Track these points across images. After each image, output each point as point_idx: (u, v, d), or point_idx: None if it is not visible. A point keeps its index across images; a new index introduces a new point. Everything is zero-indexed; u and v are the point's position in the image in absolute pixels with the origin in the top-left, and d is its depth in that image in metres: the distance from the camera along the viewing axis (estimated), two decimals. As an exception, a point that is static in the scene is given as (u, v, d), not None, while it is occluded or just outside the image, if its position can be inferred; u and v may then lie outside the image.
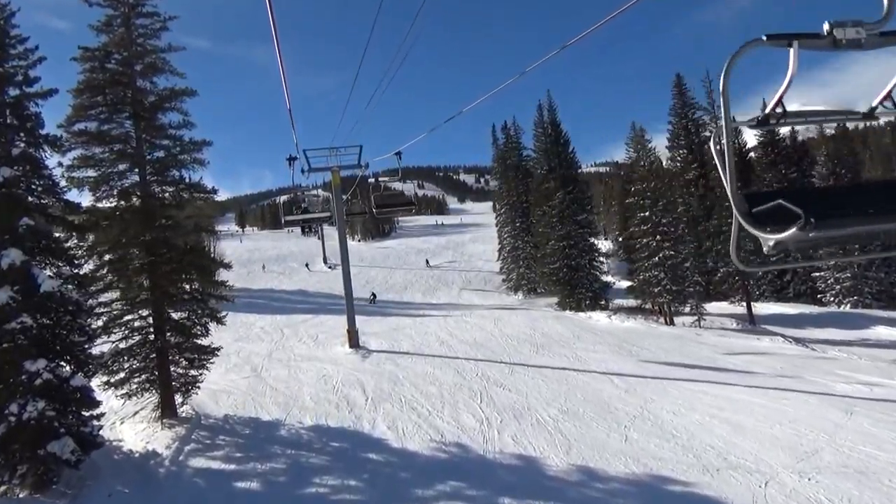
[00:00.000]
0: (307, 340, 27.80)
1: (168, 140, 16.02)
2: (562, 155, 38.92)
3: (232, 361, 23.23)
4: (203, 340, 16.25)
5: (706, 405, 15.04)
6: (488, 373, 19.52)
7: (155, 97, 15.97)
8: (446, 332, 28.44)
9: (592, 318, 32.64)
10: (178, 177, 15.95)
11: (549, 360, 21.88)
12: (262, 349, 25.93)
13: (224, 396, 17.66)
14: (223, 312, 16.32)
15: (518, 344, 25.19)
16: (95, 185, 15.21)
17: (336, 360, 22.48)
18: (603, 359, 21.96)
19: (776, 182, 39.74)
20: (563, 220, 36.61)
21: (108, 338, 14.89)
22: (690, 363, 21.20)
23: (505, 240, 49.15)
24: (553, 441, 12.79)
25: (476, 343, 25.54)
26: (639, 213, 30.43)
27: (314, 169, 25.35)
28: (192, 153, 16.02)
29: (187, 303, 15.73)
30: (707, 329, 28.71)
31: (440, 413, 15.07)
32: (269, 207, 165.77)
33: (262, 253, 71.61)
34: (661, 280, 29.01)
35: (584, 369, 20.14)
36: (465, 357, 22.57)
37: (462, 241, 79.56)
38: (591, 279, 36.39)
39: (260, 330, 31.78)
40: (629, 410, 14.85)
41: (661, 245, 29.19)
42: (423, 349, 24.54)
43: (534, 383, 17.99)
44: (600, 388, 17.22)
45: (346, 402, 16.40)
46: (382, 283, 52.87)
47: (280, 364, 22.34)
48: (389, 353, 23.74)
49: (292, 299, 46.02)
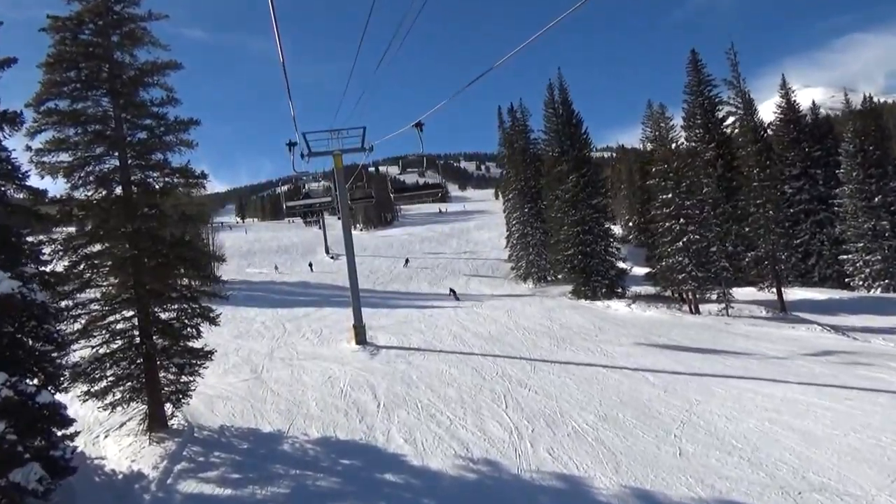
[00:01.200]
0: (310, 336, 26.16)
1: (150, 119, 14.22)
2: (574, 136, 36.96)
3: (230, 361, 21.63)
4: (196, 342, 14.55)
5: (761, 407, 13.38)
6: (509, 371, 17.87)
7: (135, 71, 14.16)
8: (458, 326, 26.79)
9: (611, 308, 30.98)
10: (163, 160, 14.18)
11: (572, 356, 20.24)
12: (262, 347, 24.29)
13: (220, 403, 16.03)
14: (217, 311, 14.60)
15: (536, 337, 23.54)
16: (70, 170, 13.45)
17: (342, 359, 20.84)
18: (630, 353, 20.31)
19: (799, 161, 37.93)
20: (576, 205, 34.79)
21: (87, 342, 13.23)
22: (727, 357, 19.54)
23: (513, 226, 47.35)
24: (596, 455, 11.12)
25: (491, 337, 23.90)
26: (660, 195, 28.61)
27: (315, 153, 23.57)
28: (178, 133, 14.21)
29: (176, 301, 14.02)
30: (736, 317, 27.01)
31: (462, 421, 13.41)
32: (270, 198, 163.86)
33: (262, 244, 69.84)
34: (686, 266, 27.26)
35: (612, 365, 18.47)
36: (482, 353, 20.93)
37: (467, 229, 77.57)
38: (606, 266, 34.65)
39: (260, 325, 30.08)
40: (674, 415, 13.19)
41: (685, 229, 27.41)
42: (436, 344, 22.90)
43: (561, 383, 16.33)
44: (636, 388, 15.56)
45: (356, 409, 14.75)
46: (386, 272, 51.13)
47: (282, 364, 20.70)
48: (399, 350, 22.11)
49: (294, 291, 44.32)
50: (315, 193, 33.33)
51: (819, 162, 37.10)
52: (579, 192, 34.72)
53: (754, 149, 30.81)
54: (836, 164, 35.30)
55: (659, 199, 28.59)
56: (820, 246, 36.14)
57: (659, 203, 28.61)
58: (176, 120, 14.28)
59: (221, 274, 51.13)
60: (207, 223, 48.03)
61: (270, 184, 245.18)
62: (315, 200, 23.58)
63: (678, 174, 27.88)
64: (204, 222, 22.94)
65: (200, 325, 14.32)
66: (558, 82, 38.03)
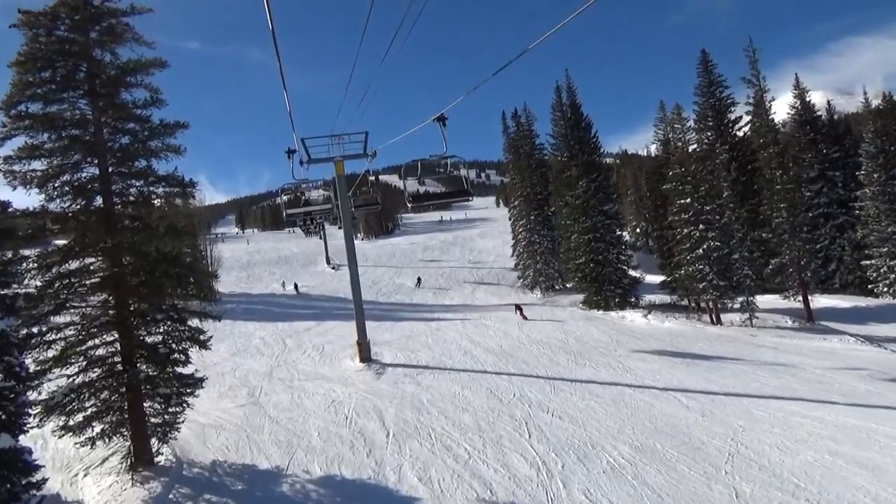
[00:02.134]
0: (312, 353, 24.75)
1: (133, 122, 12.91)
2: (584, 140, 35.67)
3: (226, 383, 20.23)
4: (186, 368, 13.16)
5: (815, 435, 11.98)
6: (527, 392, 16.47)
7: (115, 70, 12.87)
8: (467, 340, 25.40)
9: (626, 319, 29.59)
10: (148, 168, 12.85)
11: (593, 373, 18.84)
12: (261, 366, 22.89)
13: (214, 433, 14.62)
14: (208, 333, 13.22)
15: (552, 353, 22.14)
16: (44, 180, 12.13)
17: (346, 379, 19.44)
18: (655, 369, 18.91)
19: (816, 163, 36.61)
20: (587, 211, 33.47)
21: (62, 371, 11.84)
22: (760, 373, 18.13)
23: (520, 234, 45.93)
24: (640, 498, 9.71)
25: (503, 352, 22.51)
26: (678, 200, 27.25)
27: (315, 160, 22.28)
28: (164, 138, 12.91)
29: (162, 323, 12.64)
30: (760, 328, 25.59)
31: (482, 454, 12.00)
32: (270, 208, 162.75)
33: (262, 255, 68.41)
34: (707, 274, 25.86)
35: (638, 384, 17.08)
36: (495, 371, 19.54)
37: (470, 237, 76.16)
38: (619, 275, 33.27)
39: (259, 341, 28.68)
40: (719, 445, 11.78)
41: (705, 235, 26.03)
42: (445, 361, 21.51)
43: (586, 406, 14.93)
44: (670, 412, 14.15)
45: (363, 440, 13.35)
46: (389, 283, 49.73)
47: (281, 385, 19.30)
48: (406, 368, 20.72)
49: (294, 304, 42.94)
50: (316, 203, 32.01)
51: (837, 164, 35.76)
52: (590, 198, 33.40)
53: (776, 150, 29.47)
54: (855, 165, 33.91)
55: (676, 204, 27.24)
56: (841, 251, 34.74)
57: (676, 208, 27.25)
58: (161, 123, 12.97)
59: (219, 286, 50.67)
60: (197, 235, 46.37)
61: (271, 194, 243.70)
62: (316, 208, 22.27)
63: (696, 178, 26.54)
64: (193, 235, 21.41)
65: (190, 349, 12.88)
66: (566, 84, 36.87)
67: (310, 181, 21.92)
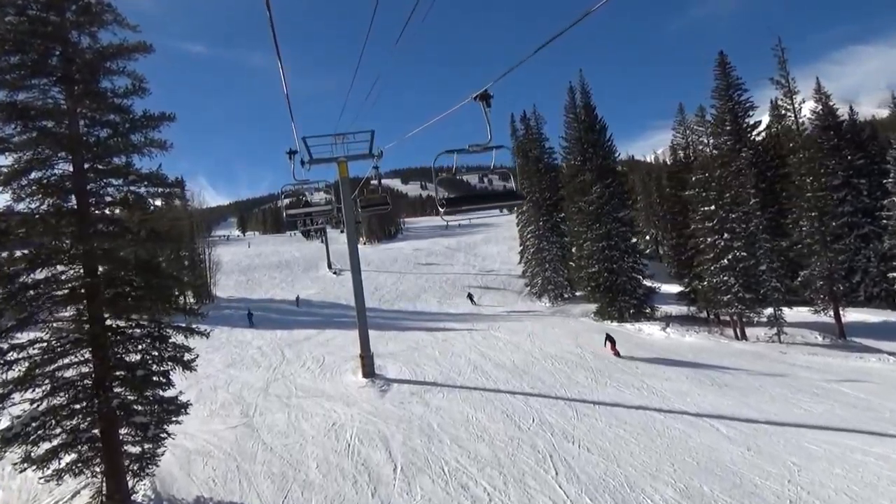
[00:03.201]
0: (311, 366, 23.24)
1: (113, 113, 11.47)
2: (598, 143, 34.22)
3: (219, 399, 18.74)
4: (170, 390, 11.66)
5: (886, 479, 10.45)
6: (547, 416, 14.97)
7: (94, 54, 11.43)
8: (477, 353, 23.90)
9: (643, 332, 28.05)
10: (128, 164, 11.38)
11: (616, 394, 17.31)
12: (257, 379, 21.38)
13: (200, 462, 13.13)
14: (193, 353, 11.71)
15: (569, 369, 20.62)
16: (10, 178, 10.67)
17: (348, 397, 17.93)
18: (684, 391, 17.40)
19: (840, 170, 35.05)
20: (601, 218, 31.98)
21: (25, 394, 10.36)
22: (800, 397, 16.61)
23: (528, 241, 44.50)
24: (698, 561, 8.19)
25: (516, 368, 20.99)
26: (701, 208, 25.74)
27: (317, 160, 20.88)
28: (147, 131, 11.46)
29: (141, 341, 11.14)
30: (790, 344, 24.03)
31: (504, 496, 10.48)
32: (271, 211, 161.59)
33: (263, 258, 66.89)
34: (732, 286, 24.31)
35: (668, 408, 15.57)
36: (509, 390, 18.03)
37: (473, 243, 74.52)
38: (634, 284, 31.76)
39: (256, 351, 27.18)
40: (777, 489, 10.26)
41: (730, 245, 24.51)
42: (454, 378, 20.01)
43: (615, 436, 13.41)
44: (710, 445, 12.63)
45: (367, 474, 11.83)
46: (392, 289, 48.25)
47: (278, 403, 17.78)
48: (413, 385, 19.21)
49: (294, 311, 41.45)
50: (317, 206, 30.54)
51: (862, 171, 34.21)
52: (604, 204, 31.91)
53: (807, 155, 27.93)
54: (881, 172, 32.35)
55: (699, 212, 25.73)
56: (866, 262, 33.14)
57: (699, 216, 25.73)
58: (145, 115, 11.50)
59: (217, 291, 49.24)
60: (189, 239, 44.65)
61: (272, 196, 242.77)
62: (317, 209, 20.89)
63: (721, 184, 25.03)
64: (179, 240, 19.86)
65: (172, 371, 11.38)
66: (580, 85, 35.34)
67: (311, 182, 20.48)
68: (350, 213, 21.51)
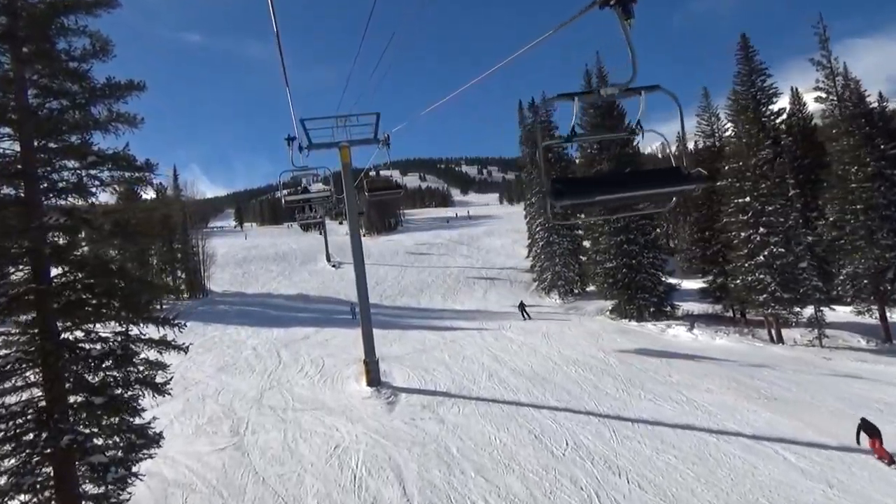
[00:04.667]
0: (310, 371, 21.28)
1: (69, 80, 9.41)
2: (616, 130, 32.01)
3: (206, 411, 16.78)
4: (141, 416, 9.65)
5: None
6: (582, 438, 13.03)
7: (45, 7, 9.34)
8: (490, 357, 21.95)
9: (668, 333, 26.10)
10: (86, 143, 9.32)
11: (653, 409, 15.35)
12: (250, 387, 19.42)
13: (179, 496, 11.14)
14: (169, 372, 9.70)
15: (595, 377, 18.67)
16: (-60, 158, 8.66)
17: (351, 410, 15.97)
18: (730, 405, 15.45)
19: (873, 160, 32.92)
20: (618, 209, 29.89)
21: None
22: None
23: (537, 234, 42.46)
24: None
25: (536, 375, 19.04)
26: (734, 199, 23.72)
27: (316, 145, 18.80)
28: (111, 102, 9.43)
29: (103, 359, 9.13)
30: (833, 349, 22.12)
31: (549, 553, 8.52)
32: (269, 202, 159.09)
33: (259, 251, 64.68)
34: (768, 285, 22.34)
35: (718, 428, 13.64)
36: (532, 402, 16.09)
37: (476, 235, 72.34)
38: (654, 281, 29.77)
39: (251, 353, 25.19)
40: (885, 545, 8.31)
41: (767, 240, 22.52)
42: (468, 387, 18.06)
43: (665, 465, 11.46)
44: (782, 479, 10.70)
45: (378, 517, 9.86)
46: (394, 283, 46.17)
47: (272, 418, 15.81)
48: (424, 396, 17.25)
49: (292, 306, 39.39)
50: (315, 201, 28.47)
51: (895, 161, 32.10)
52: (623, 196, 29.82)
53: (852, 142, 25.85)
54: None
55: (732, 204, 23.70)
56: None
57: (732, 208, 23.70)
58: (108, 83, 9.46)
59: (211, 285, 47.17)
60: (158, 236, 41.86)
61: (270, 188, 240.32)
62: (316, 195, 19.02)
63: (756, 173, 22.99)
64: (150, 235, 17.62)
65: (141, 396, 9.37)
66: (597, 69, 33.14)
67: (310, 169, 18.44)
68: (353, 202, 19.50)
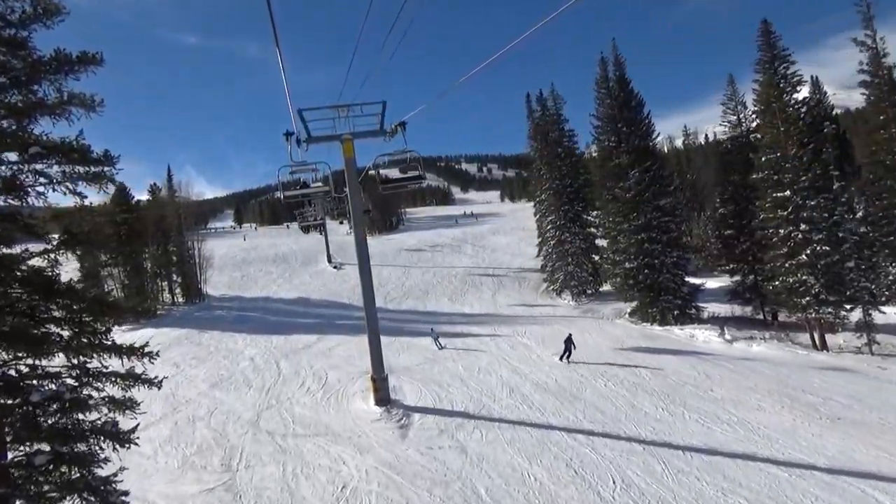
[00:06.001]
0: (312, 386, 19.44)
1: (4, 51, 7.52)
2: (634, 121, 30.11)
3: (196, 438, 14.95)
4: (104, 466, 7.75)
5: None
6: (629, 473, 11.17)
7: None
8: (509, 369, 20.10)
9: (698, 338, 24.19)
10: (25, 129, 7.44)
11: (704, 433, 13.48)
12: (246, 406, 17.56)
13: (156, 558, 9.26)
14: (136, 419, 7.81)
15: (628, 392, 16.80)
16: None
17: (358, 437, 14.10)
18: (790, 427, 13.61)
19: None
20: (639, 206, 28.05)
21: None
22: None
23: (548, 232, 40.53)
24: None
25: (563, 391, 17.18)
26: (770, 193, 21.80)
27: (315, 138, 16.92)
28: (59, 78, 7.55)
29: (46, 405, 7.23)
30: (885, 356, 20.21)
31: None
32: (268, 202, 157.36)
33: (259, 252, 62.73)
34: (812, 286, 20.44)
35: (785, 459, 11.77)
36: (564, 425, 14.23)
37: (480, 233, 70.42)
38: (677, 282, 27.88)
39: (248, 364, 23.34)
40: None
41: (809, 237, 20.63)
42: (489, 405, 16.20)
43: (738, 510, 9.57)
44: (887, 530, 8.80)
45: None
46: (397, 284, 44.22)
47: (270, 447, 13.95)
48: (440, 417, 15.39)
49: (293, 311, 37.50)
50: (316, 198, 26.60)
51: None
52: (643, 191, 27.96)
53: (905, 129, 23.81)
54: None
55: (769, 198, 21.77)
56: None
57: (770, 203, 21.77)
58: (56, 55, 7.55)
59: (209, 289, 45.32)
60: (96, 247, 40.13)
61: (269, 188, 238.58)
62: (315, 189, 17.24)
63: (797, 165, 21.05)
64: (106, 245, 15.55)
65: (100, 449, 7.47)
66: (613, 56, 31.11)
67: (310, 164, 16.55)
68: (357, 200, 17.58)
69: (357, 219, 18.00)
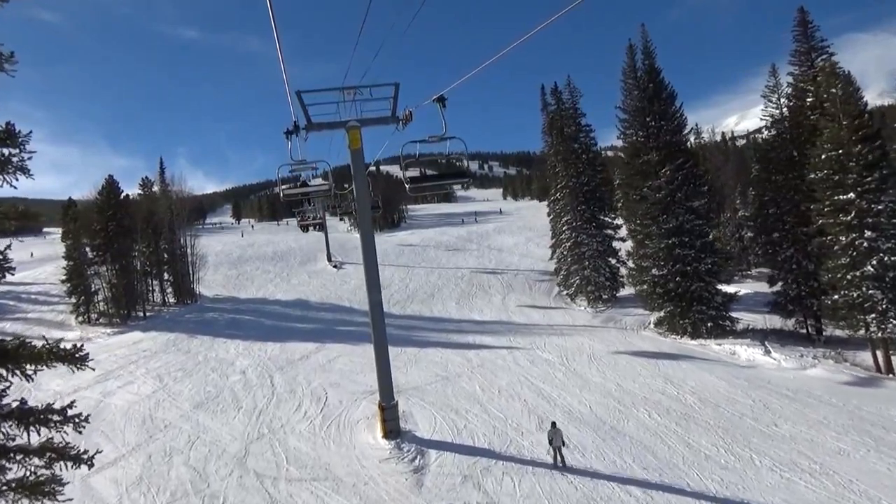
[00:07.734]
0: (310, 409, 17.03)
1: None
2: (665, 115, 27.60)
3: (170, 481, 12.51)
4: None
5: None
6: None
7: None
8: (533, 391, 17.72)
9: (740, 356, 21.80)
10: None
11: (784, 485, 11.09)
12: (234, 435, 15.16)
13: None
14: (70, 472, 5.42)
15: (679, 427, 14.39)
16: None
17: (365, 486, 11.68)
18: (886, 477, 11.18)
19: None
20: (670, 208, 25.59)
21: None
22: None
23: (563, 233, 38.02)
24: None
25: (602, 424, 14.80)
26: (830, 195, 19.32)
27: (317, 125, 14.46)
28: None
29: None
30: (963, 383, 17.83)
31: None
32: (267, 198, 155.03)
33: (256, 249, 60.17)
34: (879, 301, 18.03)
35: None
36: (611, 472, 11.85)
37: (486, 232, 67.84)
38: (711, 291, 25.44)
39: (239, 378, 20.93)
40: None
41: (876, 245, 18.21)
42: (517, 441, 13.83)
43: None
44: None
45: None
46: (402, 287, 41.72)
47: (258, 494, 11.55)
48: (459, 455, 13.00)
49: (290, 315, 35.02)
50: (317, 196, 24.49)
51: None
52: (675, 191, 25.49)
53: None
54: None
55: (828, 201, 19.29)
56: None
57: (829, 207, 19.30)
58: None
59: (202, 289, 42.85)
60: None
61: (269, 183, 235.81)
62: (315, 188, 14.95)
63: (862, 162, 18.60)
64: None
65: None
66: (642, 44, 28.53)
67: (308, 162, 14.08)
68: (364, 193, 15.14)
69: (364, 214, 15.51)
